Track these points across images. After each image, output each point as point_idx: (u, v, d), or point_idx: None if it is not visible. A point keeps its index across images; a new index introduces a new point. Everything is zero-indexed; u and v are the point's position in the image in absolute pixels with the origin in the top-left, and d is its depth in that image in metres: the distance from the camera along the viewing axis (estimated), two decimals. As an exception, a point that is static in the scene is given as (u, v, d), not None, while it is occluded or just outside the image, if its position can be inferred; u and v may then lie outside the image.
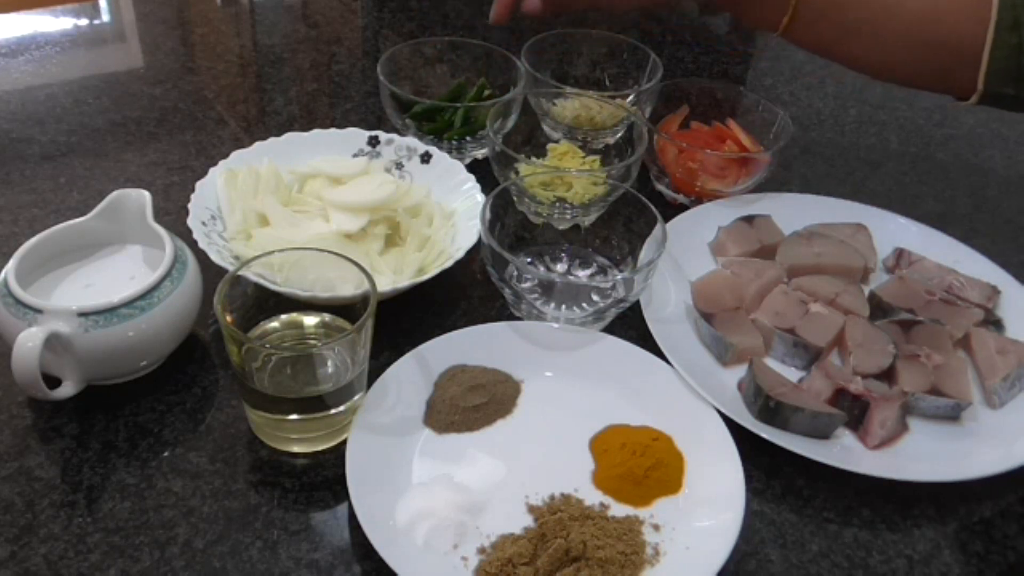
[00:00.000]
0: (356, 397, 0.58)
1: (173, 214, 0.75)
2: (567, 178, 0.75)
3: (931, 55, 0.74)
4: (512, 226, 0.74)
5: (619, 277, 0.72)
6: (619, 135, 0.86)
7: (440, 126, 0.85)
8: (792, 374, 0.67)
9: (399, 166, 0.80)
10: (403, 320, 0.68)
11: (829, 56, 0.82)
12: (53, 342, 0.54)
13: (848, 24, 0.76)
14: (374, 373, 0.60)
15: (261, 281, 0.59)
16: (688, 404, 0.61)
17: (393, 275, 0.68)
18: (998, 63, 0.70)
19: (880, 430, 0.62)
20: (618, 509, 0.56)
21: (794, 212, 0.81)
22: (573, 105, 0.87)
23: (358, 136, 0.81)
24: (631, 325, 0.70)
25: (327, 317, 0.61)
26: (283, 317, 0.61)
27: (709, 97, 0.91)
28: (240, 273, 0.57)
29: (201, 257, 0.64)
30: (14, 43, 1.03)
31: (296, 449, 0.59)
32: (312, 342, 0.62)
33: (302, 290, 0.59)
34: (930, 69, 0.75)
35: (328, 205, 0.71)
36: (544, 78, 0.87)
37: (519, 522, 0.55)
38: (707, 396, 0.61)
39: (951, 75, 0.74)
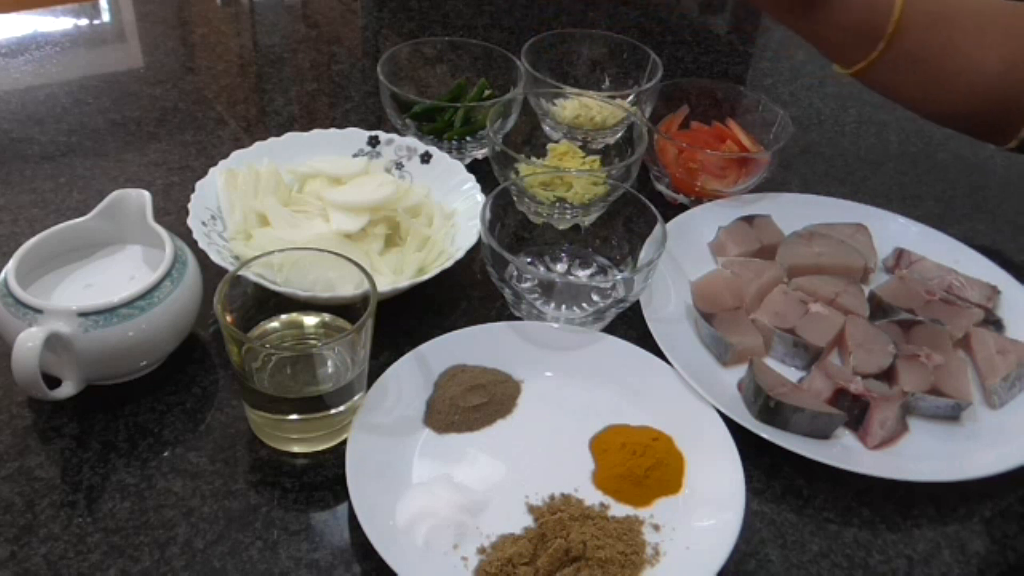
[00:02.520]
0: (356, 397, 0.58)
1: (173, 214, 0.75)
2: (567, 178, 0.75)
3: (996, 111, 0.73)
4: (512, 226, 0.74)
5: (619, 277, 0.72)
6: (619, 135, 0.86)
7: (440, 126, 0.85)
8: (792, 374, 0.67)
9: (399, 166, 0.80)
10: (403, 320, 0.68)
11: (898, 101, 0.80)
12: (53, 342, 0.54)
13: (926, 77, 0.74)
14: (374, 373, 0.60)
15: (261, 281, 0.59)
16: (688, 404, 0.61)
17: (393, 275, 0.68)
18: None
19: (880, 430, 0.62)
20: (618, 509, 0.56)
21: (794, 212, 0.81)
22: (573, 105, 0.87)
23: (358, 136, 0.81)
24: (631, 325, 0.70)
25: (327, 317, 0.61)
26: (283, 317, 0.61)
27: (709, 97, 0.91)
28: (240, 273, 0.57)
29: (201, 257, 0.64)
30: (14, 43, 1.03)
31: (296, 449, 0.59)
32: (312, 342, 0.62)
33: (302, 290, 0.59)
34: (989, 123, 0.75)
35: (328, 205, 0.71)
36: (544, 78, 0.87)
37: (519, 522, 0.55)
38: (707, 396, 0.61)
39: (1007, 126, 0.73)
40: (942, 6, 0.73)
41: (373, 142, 0.81)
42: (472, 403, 0.61)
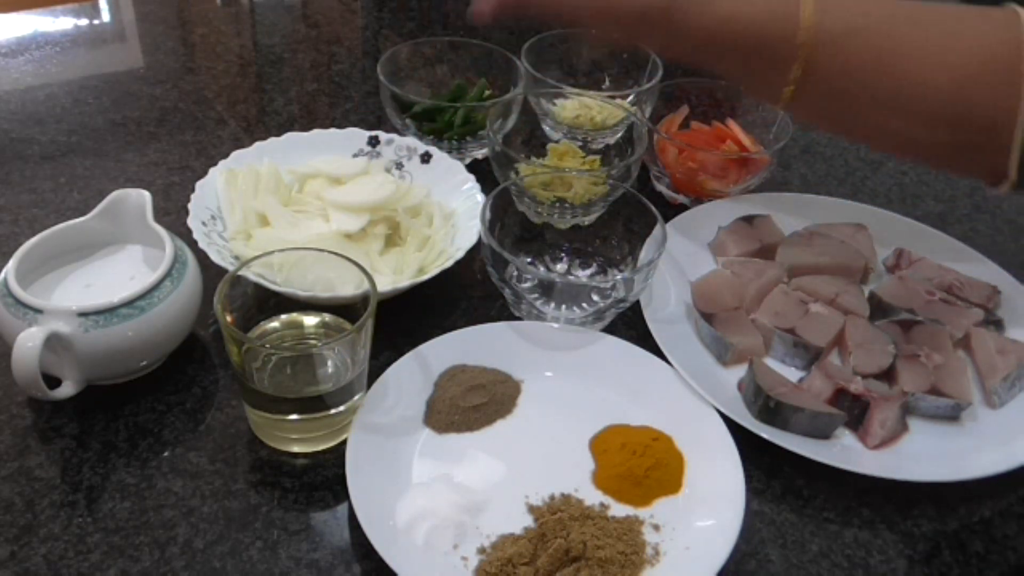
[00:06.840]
0: (356, 397, 0.58)
1: (173, 214, 0.75)
2: (567, 178, 0.75)
3: (959, 135, 0.63)
4: (512, 226, 0.74)
5: (619, 277, 0.72)
6: (619, 135, 0.86)
7: (440, 126, 0.85)
8: (792, 374, 0.67)
9: (399, 166, 0.80)
10: (403, 320, 0.68)
11: (842, 133, 0.72)
12: (53, 342, 0.54)
13: (863, 100, 0.64)
14: (374, 373, 0.60)
15: (261, 281, 0.59)
16: (688, 404, 0.61)
17: (393, 275, 0.68)
18: None
19: (880, 430, 0.62)
20: (618, 509, 0.56)
21: (794, 212, 0.81)
22: (573, 105, 0.87)
23: (358, 136, 0.81)
24: (631, 325, 0.70)
25: (327, 317, 0.61)
26: (283, 317, 0.61)
27: (709, 97, 0.91)
28: (240, 273, 0.57)
29: (201, 257, 0.64)
30: (14, 43, 1.03)
31: (296, 449, 0.59)
32: (312, 342, 0.62)
33: (302, 290, 0.59)
34: (957, 149, 0.64)
35: (328, 205, 0.71)
36: (544, 78, 0.87)
37: (519, 522, 0.55)
38: (707, 396, 0.61)
39: (981, 156, 0.63)
40: (866, 17, 0.62)
41: (373, 142, 0.81)
42: (472, 403, 0.61)
